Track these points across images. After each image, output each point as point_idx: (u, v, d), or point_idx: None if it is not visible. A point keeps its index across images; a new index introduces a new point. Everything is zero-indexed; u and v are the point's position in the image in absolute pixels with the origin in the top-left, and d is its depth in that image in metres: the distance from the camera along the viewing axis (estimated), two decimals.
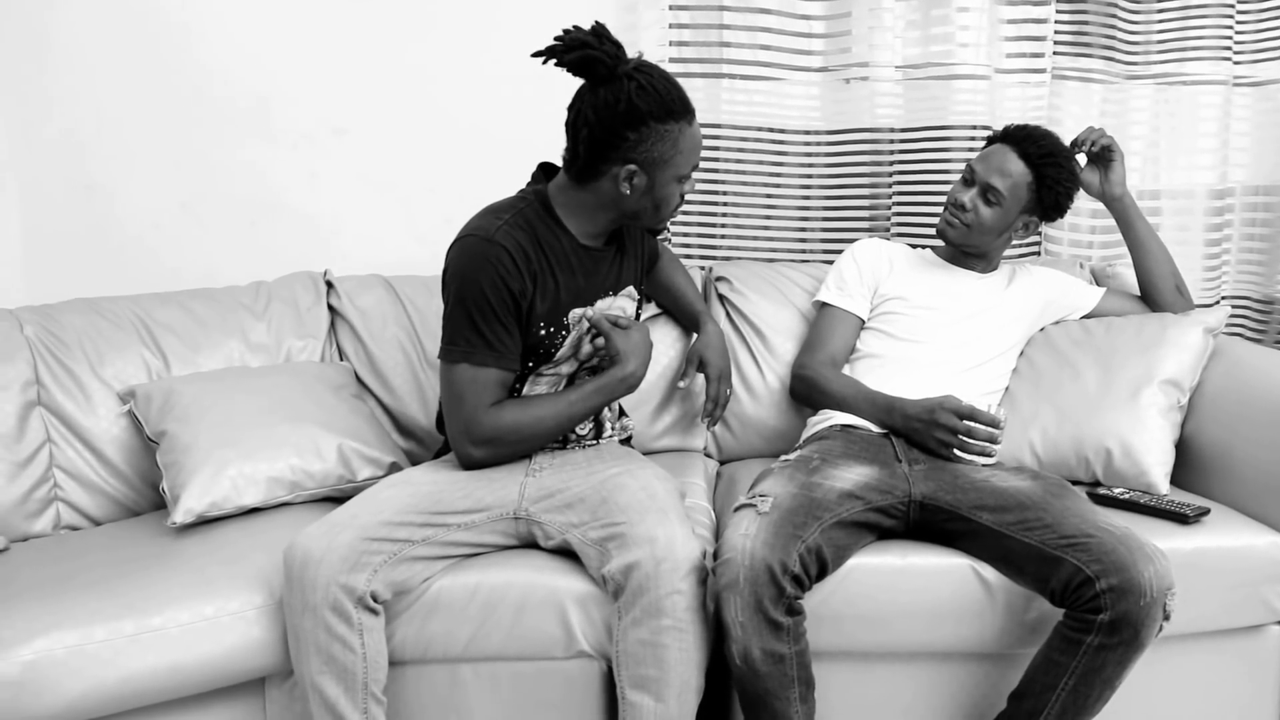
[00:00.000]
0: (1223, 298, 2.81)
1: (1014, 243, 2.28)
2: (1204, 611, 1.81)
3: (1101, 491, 1.97)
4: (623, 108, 1.70)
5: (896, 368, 2.14)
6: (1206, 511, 1.89)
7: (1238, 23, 2.69)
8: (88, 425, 2.11)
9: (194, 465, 1.95)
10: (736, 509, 1.76)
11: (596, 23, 1.72)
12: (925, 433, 1.94)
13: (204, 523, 1.95)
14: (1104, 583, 1.58)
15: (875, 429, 2.04)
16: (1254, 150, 2.78)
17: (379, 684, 1.66)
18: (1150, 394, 2.05)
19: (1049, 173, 2.11)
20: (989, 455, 1.93)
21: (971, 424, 1.90)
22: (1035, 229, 2.20)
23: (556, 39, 1.71)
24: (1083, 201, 2.70)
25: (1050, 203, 2.14)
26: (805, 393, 2.24)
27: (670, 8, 2.60)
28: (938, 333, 2.17)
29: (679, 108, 1.75)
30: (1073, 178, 2.14)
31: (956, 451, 1.93)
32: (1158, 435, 2.02)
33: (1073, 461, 2.06)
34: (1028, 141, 2.13)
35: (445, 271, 1.81)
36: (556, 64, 1.72)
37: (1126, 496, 1.94)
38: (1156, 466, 2.00)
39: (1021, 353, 2.24)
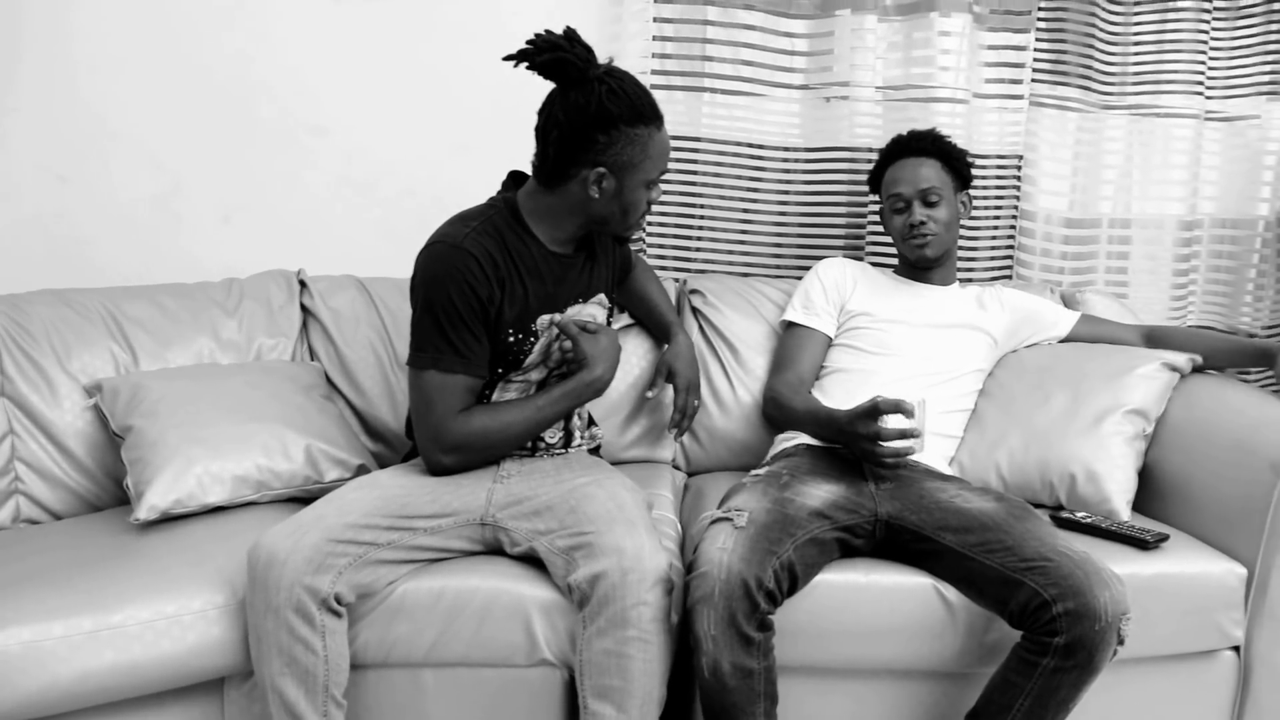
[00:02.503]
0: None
1: (963, 219, 2.32)
2: (1161, 635, 1.84)
3: (1064, 515, 1.99)
4: (593, 110, 1.71)
5: (862, 379, 2.15)
6: (1165, 538, 1.91)
7: (1210, 59, 2.74)
8: (52, 418, 2.09)
9: (160, 462, 1.94)
10: (712, 523, 1.76)
11: (568, 27, 1.73)
12: (853, 445, 1.89)
13: (168, 520, 1.93)
14: (1060, 606, 1.59)
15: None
16: (1222, 184, 2.82)
17: (340, 687, 1.66)
18: (1116, 422, 2.07)
19: (945, 148, 2.27)
20: (911, 451, 1.83)
21: (883, 428, 1.81)
22: (970, 202, 2.32)
23: (528, 42, 1.72)
24: (1054, 227, 2.74)
25: (963, 172, 2.28)
26: (773, 414, 2.27)
27: (654, 20, 2.61)
28: (905, 345, 2.19)
29: (649, 112, 1.76)
30: (961, 148, 2.30)
31: (883, 451, 1.83)
32: (1121, 463, 2.04)
33: (1037, 485, 2.08)
34: (912, 142, 2.28)
35: (413, 278, 1.81)
36: (528, 67, 1.73)
37: (1089, 521, 1.96)
38: (1119, 494, 2.02)
39: (990, 374, 2.26)
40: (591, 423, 2.13)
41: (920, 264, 2.27)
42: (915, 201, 2.22)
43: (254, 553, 1.64)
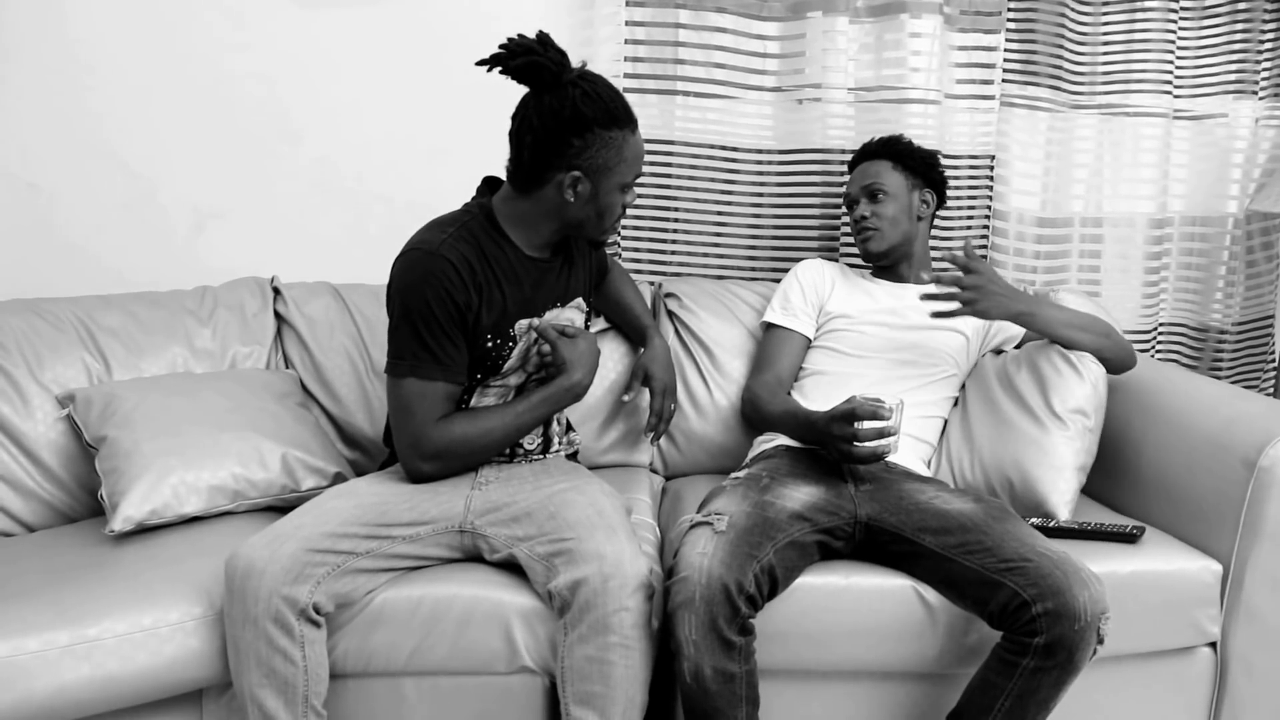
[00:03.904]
0: (1160, 324, 2.88)
1: (923, 217, 2.31)
2: (1138, 633, 1.85)
3: (1046, 523, 1.97)
4: (567, 114, 1.71)
5: (841, 381, 2.16)
6: (1143, 528, 1.93)
7: (1178, 59, 2.77)
8: (24, 429, 2.06)
9: (135, 472, 1.92)
10: (692, 527, 1.76)
11: (541, 31, 1.73)
12: (830, 446, 1.89)
13: (143, 531, 1.92)
14: (1040, 606, 1.61)
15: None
16: (1191, 182, 2.85)
17: (319, 697, 1.65)
18: (1053, 423, 2.04)
19: (899, 148, 2.31)
20: (885, 451, 1.84)
21: (859, 427, 1.82)
22: (934, 201, 2.33)
23: (501, 47, 1.72)
24: (1026, 226, 2.76)
25: (919, 168, 2.30)
26: (750, 415, 2.27)
27: (626, 23, 2.61)
28: (884, 347, 2.20)
29: (623, 115, 1.76)
30: (919, 147, 2.34)
31: (858, 450, 1.83)
32: (1058, 464, 2.02)
33: (986, 492, 2.08)
34: (864, 148, 2.36)
35: (390, 285, 1.80)
36: (502, 71, 1.73)
37: (1068, 525, 1.95)
38: (1055, 495, 2.01)
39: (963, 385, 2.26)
40: (570, 428, 2.13)
41: (866, 259, 2.30)
42: (862, 199, 2.27)
43: (231, 563, 1.63)
